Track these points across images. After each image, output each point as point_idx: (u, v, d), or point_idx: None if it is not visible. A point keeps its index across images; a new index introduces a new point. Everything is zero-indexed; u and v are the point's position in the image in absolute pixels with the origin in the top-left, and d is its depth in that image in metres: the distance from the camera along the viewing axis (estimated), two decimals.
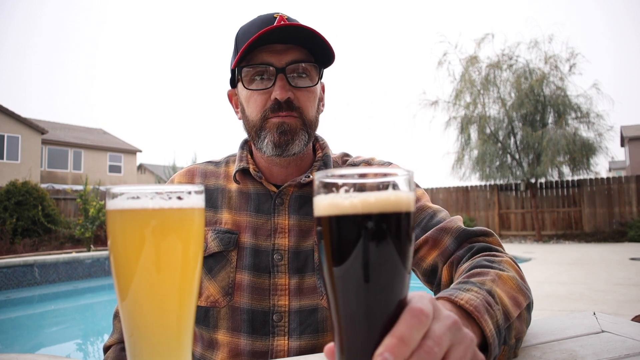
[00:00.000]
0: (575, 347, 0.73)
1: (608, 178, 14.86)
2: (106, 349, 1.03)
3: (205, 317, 0.99)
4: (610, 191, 14.58)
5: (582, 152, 14.02)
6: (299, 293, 0.98)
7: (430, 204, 1.03)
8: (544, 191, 15.41)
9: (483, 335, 0.59)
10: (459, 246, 0.92)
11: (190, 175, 1.12)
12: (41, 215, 11.43)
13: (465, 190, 16.56)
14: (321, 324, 0.97)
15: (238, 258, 1.00)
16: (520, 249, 11.63)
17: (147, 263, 0.46)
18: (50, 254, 9.27)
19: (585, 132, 14.58)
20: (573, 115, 14.73)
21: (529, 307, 0.75)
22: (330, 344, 0.44)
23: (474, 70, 15.48)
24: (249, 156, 1.09)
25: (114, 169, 29.86)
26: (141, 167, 39.94)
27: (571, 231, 14.81)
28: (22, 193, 11.40)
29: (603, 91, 14.69)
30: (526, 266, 8.37)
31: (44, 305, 7.23)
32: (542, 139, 14.02)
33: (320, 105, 1.08)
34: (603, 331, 0.81)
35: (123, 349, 0.99)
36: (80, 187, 15.26)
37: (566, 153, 13.92)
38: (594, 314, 0.94)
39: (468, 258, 0.86)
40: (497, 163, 15.40)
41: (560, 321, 0.89)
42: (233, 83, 1.09)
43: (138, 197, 0.46)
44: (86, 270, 8.46)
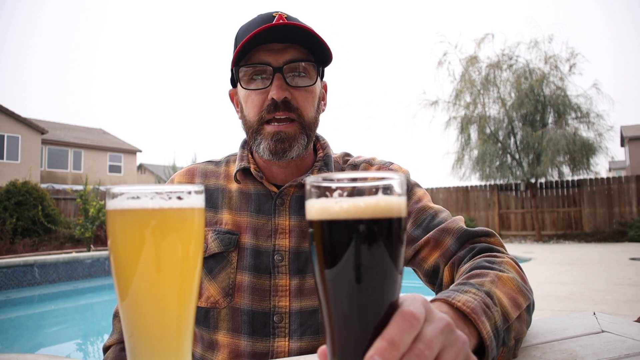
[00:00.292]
0: (575, 347, 0.73)
1: (608, 178, 14.86)
2: (106, 349, 1.03)
3: (205, 318, 0.98)
4: (610, 191, 14.58)
5: (582, 152, 14.02)
6: (300, 294, 0.97)
7: (431, 204, 1.03)
8: (544, 191, 15.41)
9: (480, 337, 0.59)
10: (461, 247, 0.91)
11: (190, 174, 1.11)
12: (41, 215, 11.43)
13: (465, 190, 16.55)
14: (322, 325, 0.97)
15: (238, 259, 0.99)
16: (520, 249, 11.63)
17: (147, 263, 0.46)
18: (50, 254, 9.27)
19: (585, 132, 14.59)
20: (573, 115, 14.73)
21: (529, 308, 0.75)
22: (322, 347, 0.44)
23: (474, 70, 15.48)
24: (250, 156, 1.08)
25: (114, 169, 29.85)
26: (141, 167, 39.94)
27: (571, 231, 14.81)
28: (22, 193, 11.40)
29: (603, 91, 14.72)
30: (526, 266, 8.36)
31: (44, 305, 7.23)
32: (542, 139, 14.02)
33: (321, 104, 1.07)
34: (603, 331, 0.81)
35: (123, 349, 0.99)
36: (80, 187, 15.26)
37: (566, 153, 13.92)
38: (594, 314, 0.93)
39: (469, 259, 0.86)
40: (497, 163, 15.40)
41: (560, 321, 0.89)
42: (234, 82, 1.08)
43: (138, 197, 0.46)
44: (86, 270, 8.46)
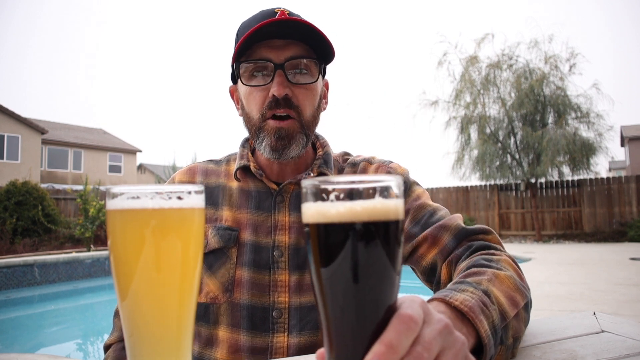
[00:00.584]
0: (575, 347, 0.73)
1: (608, 178, 14.85)
2: (107, 348, 1.03)
3: (205, 314, 0.99)
4: (610, 191, 14.57)
5: (582, 152, 14.02)
6: (299, 290, 0.97)
7: (430, 202, 1.03)
8: (544, 191, 15.40)
9: (478, 335, 0.59)
10: (458, 244, 0.91)
11: (191, 173, 1.12)
12: (41, 215, 11.43)
13: (465, 190, 16.55)
14: (320, 326, 0.97)
15: (238, 255, 1.00)
16: (520, 249, 11.63)
17: (147, 263, 0.46)
18: (50, 254, 9.27)
19: (585, 132, 14.59)
20: (573, 115, 14.72)
21: (527, 306, 0.75)
22: (321, 349, 0.44)
23: (474, 70, 15.48)
24: (250, 154, 1.09)
25: (114, 169, 29.85)
26: (141, 167, 39.94)
27: (571, 231, 14.81)
28: (22, 193, 11.40)
29: (603, 91, 14.71)
30: (526, 266, 8.36)
31: (44, 305, 7.23)
32: (542, 139, 14.02)
33: (322, 102, 1.06)
34: (603, 331, 0.81)
35: (124, 348, 0.98)
36: (80, 187, 15.27)
37: (566, 153, 13.92)
38: (594, 314, 0.93)
39: (467, 256, 0.86)
40: (497, 163, 15.39)
41: (560, 321, 0.89)
42: (234, 79, 1.08)
43: (138, 197, 0.46)
44: (86, 270, 8.46)
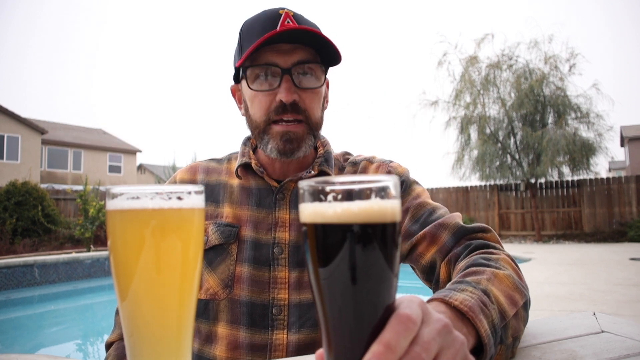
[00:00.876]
0: (575, 347, 0.73)
1: (608, 178, 14.85)
2: (108, 346, 1.03)
3: (205, 310, 0.99)
4: (610, 191, 14.57)
5: (582, 152, 14.01)
6: (299, 287, 0.98)
7: (429, 201, 1.03)
8: (544, 191, 15.40)
9: (478, 335, 0.59)
10: (457, 242, 0.91)
11: (192, 171, 1.13)
12: (41, 215, 11.43)
13: (465, 190, 16.55)
14: (319, 326, 0.96)
15: (238, 251, 1.00)
16: (520, 249, 11.63)
17: (147, 263, 0.46)
18: (50, 254, 9.27)
19: (585, 132, 14.58)
20: (573, 115, 14.72)
21: (526, 305, 0.75)
22: (320, 350, 0.44)
23: (474, 70, 15.48)
24: (251, 152, 1.10)
25: (114, 169, 29.85)
26: (141, 167, 39.93)
27: (571, 231, 14.81)
28: (22, 193, 11.39)
29: (603, 91, 14.69)
30: (526, 266, 8.36)
31: (44, 305, 7.23)
32: (542, 139, 14.01)
33: (324, 103, 1.07)
34: (603, 331, 0.81)
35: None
36: (80, 187, 15.27)
37: (566, 153, 13.91)
38: (594, 314, 0.93)
39: (465, 255, 0.86)
40: (497, 163, 15.39)
41: (560, 321, 0.89)
42: (237, 78, 1.07)
43: (138, 197, 0.46)
44: (86, 270, 8.46)
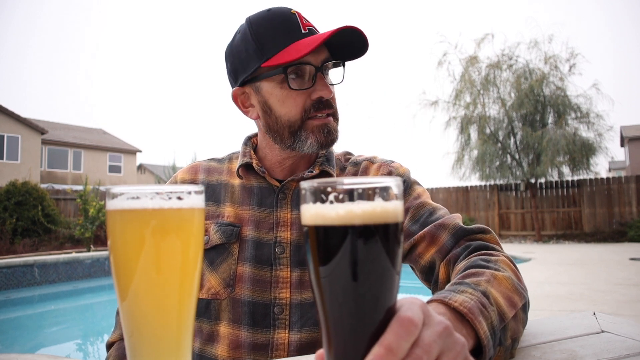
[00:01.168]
0: (575, 347, 0.73)
1: (608, 178, 14.86)
2: (109, 346, 1.03)
3: (206, 310, 0.99)
4: (610, 191, 14.58)
5: (582, 152, 14.02)
6: (301, 286, 0.98)
7: (430, 201, 1.03)
8: (544, 191, 15.40)
9: (478, 337, 0.59)
10: (456, 243, 0.91)
11: (193, 171, 1.12)
12: (41, 215, 11.43)
13: (465, 190, 16.55)
14: (320, 327, 0.96)
15: (240, 250, 1.00)
16: (520, 249, 11.63)
17: (147, 263, 0.46)
18: (50, 254, 9.28)
19: (585, 132, 14.59)
20: (573, 115, 14.73)
21: (525, 307, 0.75)
22: (320, 351, 0.44)
23: (474, 70, 15.48)
24: (252, 152, 1.09)
25: (114, 169, 29.85)
26: (141, 167, 39.94)
27: (571, 231, 14.81)
28: (22, 193, 11.40)
29: (603, 91, 14.72)
30: (526, 266, 8.37)
31: (44, 305, 7.23)
32: (542, 139, 14.02)
33: None
34: (603, 331, 0.81)
35: None
36: (80, 187, 15.26)
37: (566, 153, 13.92)
38: (594, 314, 0.93)
39: (465, 257, 0.86)
40: (497, 163, 15.40)
41: (560, 321, 0.89)
42: (241, 82, 1.02)
43: (138, 197, 0.46)
44: (86, 270, 8.46)
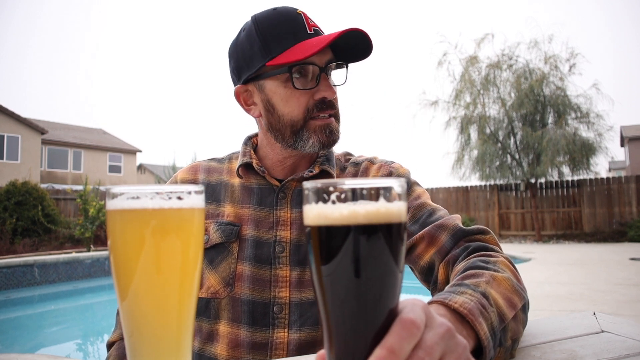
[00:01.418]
0: (575, 347, 0.73)
1: (608, 178, 14.86)
2: (109, 346, 1.03)
3: (206, 309, 0.99)
4: (610, 191, 14.58)
5: (582, 152, 14.02)
6: (300, 285, 0.98)
7: (429, 202, 1.03)
8: (544, 191, 15.41)
9: (478, 338, 0.59)
10: (455, 244, 0.91)
11: (193, 171, 1.13)
12: (41, 215, 11.43)
13: (465, 190, 16.55)
14: (321, 327, 0.96)
15: (239, 249, 1.00)
16: (520, 249, 11.63)
17: (147, 263, 0.46)
18: (50, 254, 9.28)
19: (585, 132, 14.60)
20: (573, 115, 14.73)
21: (525, 308, 0.75)
22: (321, 352, 0.44)
23: (474, 70, 15.48)
24: (252, 151, 1.10)
25: (114, 169, 29.85)
26: (141, 167, 39.94)
27: (571, 231, 14.81)
28: (22, 193, 11.40)
29: (603, 91, 14.72)
30: (526, 266, 8.37)
31: (44, 305, 7.24)
32: (542, 139, 14.02)
33: None
34: (603, 331, 0.81)
35: None
36: (80, 187, 15.27)
37: (566, 153, 13.92)
38: (594, 314, 0.94)
39: (464, 258, 0.86)
40: (497, 163, 15.40)
41: (560, 321, 0.89)
42: (245, 79, 1.02)
43: (138, 197, 0.46)
44: (86, 270, 8.46)
